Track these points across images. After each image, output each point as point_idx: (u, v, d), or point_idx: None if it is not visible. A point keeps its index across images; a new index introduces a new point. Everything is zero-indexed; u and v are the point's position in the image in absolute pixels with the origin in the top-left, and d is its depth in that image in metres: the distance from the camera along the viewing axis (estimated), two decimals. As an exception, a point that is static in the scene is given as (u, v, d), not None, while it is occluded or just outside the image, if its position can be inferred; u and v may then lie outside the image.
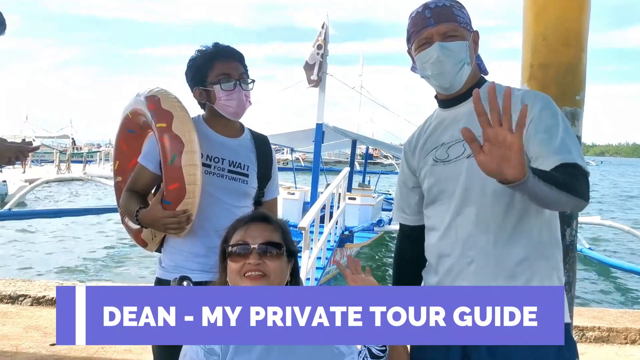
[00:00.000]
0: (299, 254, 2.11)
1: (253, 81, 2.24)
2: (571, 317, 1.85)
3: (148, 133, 2.29)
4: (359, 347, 1.66)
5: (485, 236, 1.65)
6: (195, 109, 2.27)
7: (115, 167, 2.46)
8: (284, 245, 1.69)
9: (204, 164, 2.12)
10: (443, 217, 1.74)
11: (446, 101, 1.80)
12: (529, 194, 1.46)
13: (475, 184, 1.66)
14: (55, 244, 13.59)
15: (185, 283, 1.87)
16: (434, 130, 1.83)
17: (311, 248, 6.47)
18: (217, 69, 2.17)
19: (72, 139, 50.58)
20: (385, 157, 42.43)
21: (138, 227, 2.20)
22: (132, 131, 2.37)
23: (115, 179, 2.46)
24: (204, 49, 2.20)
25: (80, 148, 51.07)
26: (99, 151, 41.72)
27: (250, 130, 2.35)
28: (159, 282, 2.21)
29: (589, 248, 11.83)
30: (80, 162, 32.94)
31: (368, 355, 1.60)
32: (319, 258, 7.57)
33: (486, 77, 1.84)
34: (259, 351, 1.54)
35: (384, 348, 1.62)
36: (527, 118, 1.56)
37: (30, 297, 5.22)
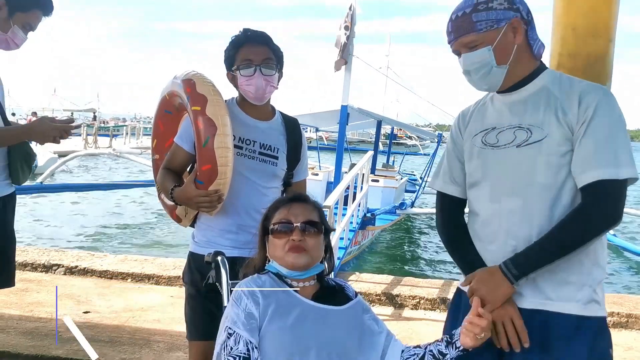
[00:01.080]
0: None
1: (277, 65, 2.27)
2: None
3: (184, 114, 2.38)
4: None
5: (529, 226, 1.66)
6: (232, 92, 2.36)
7: (153, 146, 2.57)
8: (322, 224, 1.81)
9: (236, 146, 2.21)
10: (486, 203, 1.75)
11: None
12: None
13: (523, 174, 1.67)
14: (84, 215, 13.95)
15: (219, 258, 1.98)
16: (487, 110, 1.83)
17: (334, 228, 6.57)
18: (241, 54, 2.24)
19: (94, 113, 51.17)
20: (410, 137, 42.18)
21: (173, 203, 2.31)
22: (168, 112, 2.47)
23: (153, 156, 2.57)
24: (238, 34, 2.28)
25: (107, 122, 51.71)
26: (125, 125, 42.21)
27: (281, 113, 2.43)
28: (192, 255, 2.33)
29: (613, 235, 11.73)
30: (107, 135, 33.42)
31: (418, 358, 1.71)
32: (341, 238, 7.67)
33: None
34: (293, 318, 1.65)
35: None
36: (582, 115, 1.61)
37: (63, 266, 5.44)
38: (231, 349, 1.59)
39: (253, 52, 2.23)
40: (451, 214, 1.91)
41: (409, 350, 1.74)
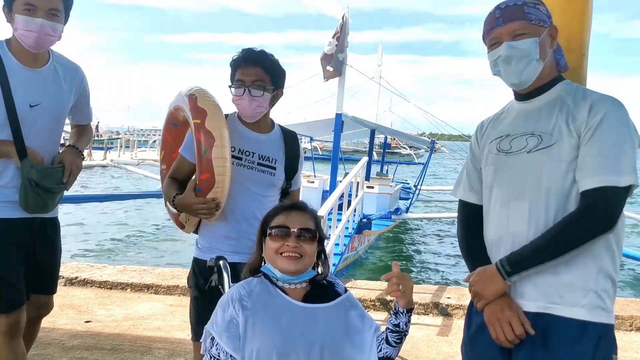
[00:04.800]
0: None
1: (271, 85, 2.38)
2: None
3: (189, 127, 2.51)
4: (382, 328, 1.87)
5: (534, 231, 1.70)
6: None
7: (161, 157, 2.73)
8: (317, 231, 1.91)
9: (236, 157, 2.34)
10: (497, 207, 1.82)
11: (521, 94, 1.86)
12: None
13: (531, 179, 1.73)
14: (82, 228, 14.00)
15: (221, 262, 2.10)
16: (504, 119, 1.91)
17: (329, 235, 6.66)
18: (236, 74, 2.38)
19: (97, 125, 50.92)
20: (404, 147, 42.35)
21: (176, 211, 2.43)
22: (175, 125, 2.62)
23: (161, 167, 2.72)
24: (237, 54, 2.41)
25: (101, 135, 51.48)
26: (118, 138, 42.09)
27: (280, 126, 2.56)
28: (196, 260, 2.45)
29: None
30: (102, 148, 33.36)
31: (384, 342, 1.83)
32: (337, 245, 7.77)
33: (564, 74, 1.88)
34: (283, 321, 1.77)
35: (399, 339, 1.82)
36: (590, 122, 1.67)
37: (63, 277, 5.49)
38: (210, 352, 1.76)
39: (245, 73, 2.36)
40: (469, 221, 1.96)
41: (377, 339, 1.85)
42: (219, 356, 1.74)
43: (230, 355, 1.72)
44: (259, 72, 2.36)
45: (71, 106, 2.62)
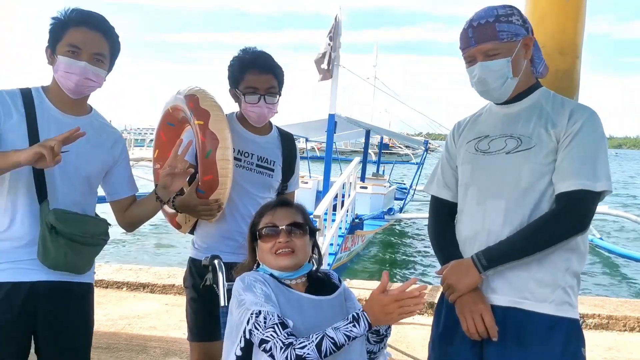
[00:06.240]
0: None
1: (279, 90, 2.40)
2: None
3: (185, 126, 2.52)
4: None
5: (510, 228, 1.76)
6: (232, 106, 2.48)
7: (155, 155, 2.70)
8: (307, 225, 1.92)
9: (235, 158, 2.35)
10: (472, 204, 1.87)
11: None
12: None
13: (509, 178, 1.79)
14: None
15: (216, 261, 2.11)
16: (482, 121, 1.97)
17: (324, 235, 6.66)
18: (246, 81, 2.36)
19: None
20: (400, 146, 42.36)
21: (173, 211, 2.44)
22: (171, 124, 2.61)
23: (154, 166, 2.70)
24: (243, 54, 2.39)
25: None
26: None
27: (278, 128, 2.58)
28: (193, 261, 2.47)
29: (600, 238, 11.92)
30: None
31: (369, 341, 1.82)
32: (331, 244, 7.78)
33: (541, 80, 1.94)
34: (296, 309, 1.75)
35: (379, 339, 1.82)
36: (570, 128, 1.76)
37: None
38: (265, 322, 1.64)
39: (258, 80, 2.34)
40: (442, 217, 2.02)
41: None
42: (266, 322, 1.63)
43: (281, 322, 1.64)
44: (271, 79, 2.37)
45: (106, 172, 2.20)
